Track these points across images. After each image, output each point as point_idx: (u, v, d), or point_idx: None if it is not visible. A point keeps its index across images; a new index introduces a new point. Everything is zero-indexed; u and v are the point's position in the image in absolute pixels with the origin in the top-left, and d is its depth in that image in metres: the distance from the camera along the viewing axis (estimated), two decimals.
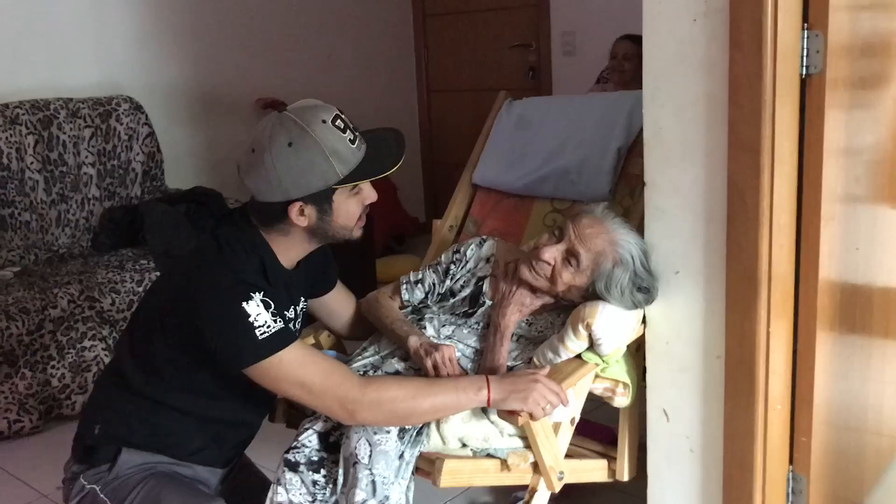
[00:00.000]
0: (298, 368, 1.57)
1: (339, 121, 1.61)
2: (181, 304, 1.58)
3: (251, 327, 1.53)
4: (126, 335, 1.76)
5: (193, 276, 1.61)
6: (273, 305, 1.58)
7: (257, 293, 1.56)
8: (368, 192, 1.69)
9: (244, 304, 1.53)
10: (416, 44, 5.49)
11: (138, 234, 3.58)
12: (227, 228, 1.67)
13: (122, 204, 3.81)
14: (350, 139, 1.61)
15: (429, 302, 2.06)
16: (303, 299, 1.82)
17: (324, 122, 1.59)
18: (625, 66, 3.96)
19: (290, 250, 1.70)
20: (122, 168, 3.83)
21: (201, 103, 4.44)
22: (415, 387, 1.62)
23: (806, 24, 1.52)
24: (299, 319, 1.80)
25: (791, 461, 1.72)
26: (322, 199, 1.62)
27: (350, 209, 1.67)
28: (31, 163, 3.53)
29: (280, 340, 1.55)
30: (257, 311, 1.54)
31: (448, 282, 2.05)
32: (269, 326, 1.54)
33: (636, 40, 3.95)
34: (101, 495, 1.62)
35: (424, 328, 1.91)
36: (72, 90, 3.82)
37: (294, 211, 1.61)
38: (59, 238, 3.62)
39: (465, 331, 1.91)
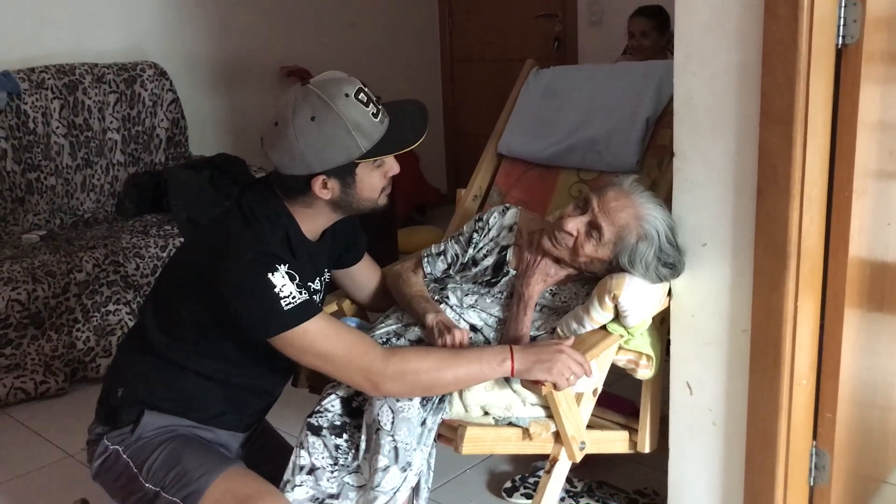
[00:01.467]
0: (322, 340, 1.57)
1: (361, 94, 1.60)
2: (207, 273, 1.59)
3: (277, 298, 1.53)
4: (150, 300, 1.77)
5: (220, 246, 1.61)
6: (298, 277, 1.59)
7: (282, 265, 1.57)
8: (392, 165, 1.69)
9: (270, 275, 1.54)
10: (441, 13, 5.44)
11: (162, 199, 3.59)
12: (252, 199, 1.67)
13: (147, 170, 3.83)
14: (373, 113, 1.60)
15: (451, 272, 2.05)
16: (327, 270, 1.83)
17: (346, 95, 1.58)
18: (644, 42, 3.91)
19: (314, 221, 1.70)
20: (146, 134, 3.85)
21: (225, 70, 4.44)
22: (438, 358, 1.61)
23: None
24: (322, 292, 1.81)
25: (815, 437, 1.72)
26: (345, 173, 1.62)
27: (373, 182, 1.67)
28: (57, 127, 3.55)
29: (305, 312, 1.56)
30: (283, 281, 1.55)
31: (471, 250, 2.05)
32: (294, 297, 1.55)
33: (650, 14, 3.91)
34: (124, 456, 1.65)
35: (448, 298, 1.91)
36: (97, 55, 3.82)
37: (317, 184, 1.61)
38: (84, 203, 3.65)
39: (488, 300, 1.90)
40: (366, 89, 1.62)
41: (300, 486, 1.63)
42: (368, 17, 5.01)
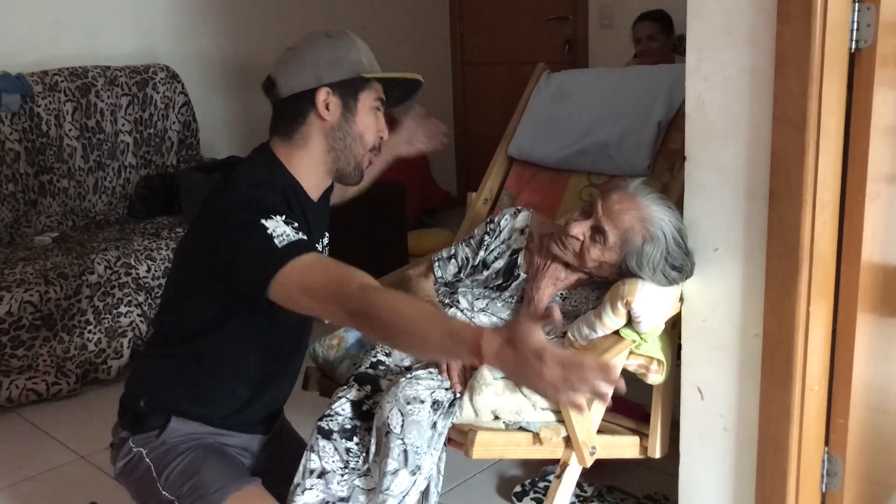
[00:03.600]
0: (307, 274, 1.45)
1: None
2: (207, 243, 1.56)
3: (270, 238, 1.47)
4: (162, 306, 1.78)
5: (216, 215, 1.58)
6: (295, 224, 1.54)
7: (278, 215, 1.52)
8: (383, 124, 1.74)
9: (263, 220, 1.49)
10: (452, 15, 5.45)
11: (174, 202, 3.61)
12: (244, 167, 1.68)
13: (158, 172, 3.85)
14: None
15: (462, 276, 2.05)
16: (327, 234, 1.83)
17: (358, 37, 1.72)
18: (652, 45, 3.91)
19: (312, 172, 1.69)
20: (158, 136, 3.86)
21: (237, 73, 4.45)
22: (404, 308, 1.36)
23: None
24: (325, 253, 1.79)
25: (827, 442, 1.71)
26: (349, 93, 1.67)
27: (369, 120, 1.70)
28: (70, 130, 3.57)
29: (299, 247, 1.48)
30: (275, 224, 1.50)
31: (482, 252, 2.04)
32: (287, 235, 1.49)
33: (653, 17, 3.91)
34: (147, 459, 1.65)
35: (458, 301, 1.91)
36: (109, 58, 3.84)
37: (321, 98, 1.64)
38: (96, 205, 3.66)
39: (498, 304, 1.90)
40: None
41: (310, 489, 1.63)
42: (379, 20, 5.02)
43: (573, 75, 2.46)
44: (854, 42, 1.50)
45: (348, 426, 1.69)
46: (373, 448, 1.63)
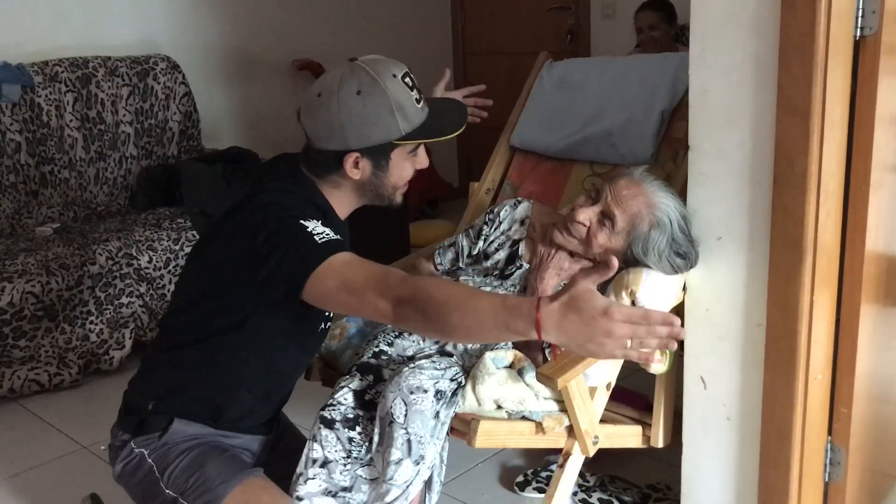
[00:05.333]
0: (345, 269, 1.44)
1: (408, 78, 1.61)
2: (236, 245, 1.55)
3: (310, 235, 1.48)
4: (173, 307, 1.76)
5: (250, 216, 1.57)
6: (332, 228, 1.56)
7: (314, 219, 1.53)
8: (422, 158, 1.69)
9: (301, 220, 1.51)
10: (453, 5, 5.43)
11: (175, 192, 3.60)
12: (279, 178, 1.65)
13: (160, 163, 3.84)
14: (416, 98, 1.61)
15: (460, 264, 2.05)
16: None
17: (394, 76, 1.59)
18: (654, 34, 3.90)
19: (339, 205, 1.69)
20: (159, 127, 3.85)
21: (238, 64, 4.44)
22: (455, 293, 1.34)
23: None
24: None
25: (830, 432, 1.70)
26: (379, 154, 1.61)
27: (404, 170, 1.67)
28: (70, 120, 3.56)
29: (335, 245, 1.48)
30: (314, 224, 1.51)
31: (481, 243, 2.04)
32: (327, 233, 1.49)
33: (655, 6, 3.89)
34: (149, 459, 1.64)
35: None
36: (110, 48, 3.83)
37: (349, 161, 1.60)
38: (97, 196, 3.66)
39: (500, 293, 1.90)
40: (411, 74, 1.62)
41: (313, 479, 1.64)
42: (381, 10, 5.01)
43: (576, 64, 2.45)
44: (859, 29, 1.49)
45: (351, 416, 1.69)
46: (376, 438, 1.63)
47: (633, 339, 1.18)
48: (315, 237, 1.47)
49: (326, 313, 1.74)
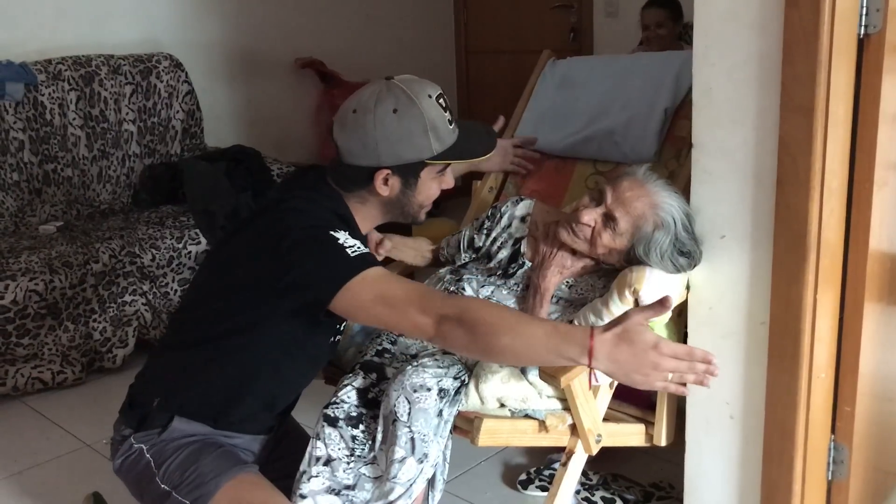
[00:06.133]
0: (382, 283, 1.49)
1: (441, 99, 1.63)
2: (260, 249, 1.56)
3: (342, 248, 1.51)
4: (184, 304, 1.77)
5: (276, 224, 1.58)
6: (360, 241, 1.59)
7: (343, 230, 1.57)
8: (449, 179, 1.72)
9: (332, 231, 1.54)
10: (456, 4, 5.43)
11: (178, 191, 3.61)
12: (306, 188, 1.67)
13: (162, 161, 3.85)
14: (448, 119, 1.63)
15: (462, 255, 2.07)
16: None
17: (429, 96, 1.61)
18: (659, 32, 3.89)
19: (363, 219, 1.70)
20: (161, 125, 3.86)
21: (240, 62, 4.44)
22: (504, 316, 1.41)
23: None
24: None
25: (833, 430, 1.70)
26: (410, 173, 1.63)
27: (431, 189, 1.69)
28: (74, 119, 3.57)
29: (368, 259, 1.53)
30: (344, 236, 1.54)
31: (484, 238, 2.05)
32: (358, 246, 1.53)
33: (662, 4, 3.89)
34: (147, 455, 1.65)
35: (464, 289, 1.91)
36: (113, 47, 3.83)
37: (379, 178, 1.62)
38: (100, 194, 3.66)
39: (504, 291, 1.90)
40: (445, 96, 1.65)
41: (316, 476, 1.64)
42: (383, 9, 5.00)
43: (579, 62, 2.45)
44: (863, 28, 1.49)
45: (354, 414, 1.69)
46: (379, 436, 1.63)
47: (674, 373, 1.33)
48: (347, 249, 1.51)
49: (338, 326, 1.75)
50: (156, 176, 3.72)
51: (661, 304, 1.35)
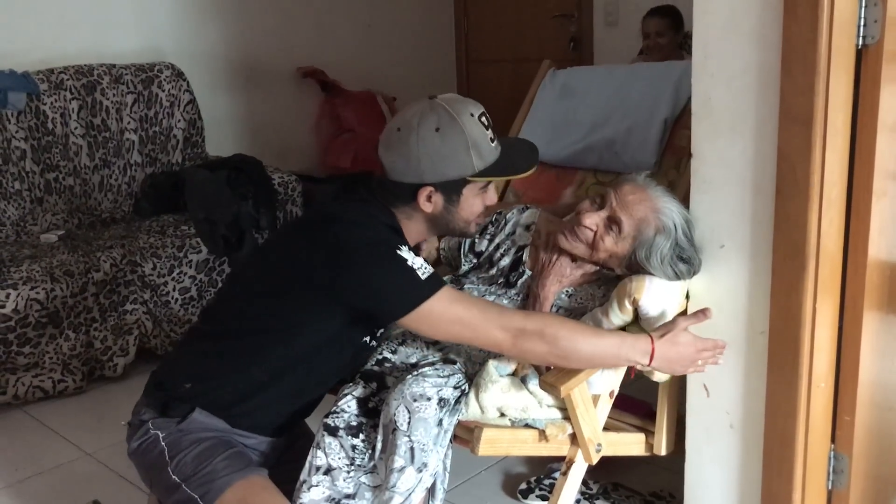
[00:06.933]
0: (457, 304, 1.59)
1: (483, 118, 1.67)
2: (324, 262, 1.58)
3: (412, 269, 1.56)
4: (227, 294, 1.79)
5: (339, 238, 1.60)
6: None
7: (403, 245, 1.61)
8: (491, 195, 1.75)
9: (397, 250, 1.58)
10: (457, 13, 5.44)
11: (179, 199, 3.61)
12: (363, 204, 1.69)
13: (164, 170, 3.85)
14: (490, 137, 1.67)
15: (463, 261, 2.07)
16: None
17: (471, 115, 1.65)
18: (660, 41, 3.90)
19: (409, 234, 1.73)
20: (163, 134, 3.87)
21: (242, 71, 4.45)
22: (580, 329, 1.63)
23: None
24: None
25: (833, 440, 1.70)
26: (452, 189, 1.67)
27: (475, 205, 1.72)
28: (75, 128, 3.57)
29: (437, 280, 1.59)
30: (410, 255, 1.59)
31: (486, 241, 2.05)
32: (425, 267, 1.59)
33: (663, 13, 3.90)
34: (162, 442, 1.67)
35: None
36: (115, 56, 3.85)
37: (423, 195, 1.65)
38: (101, 203, 3.67)
39: (504, 301, 1.90)
40: (486, 114, 1.68)
41: (316, 486, 1.64)
42: (384, 18, 5.02)
43: (579, 72, 2.46)
44: (861, 38, 1.50)
45: (354, 423, 1.69)
46: (379, 445, 1.63)
47: (702, 363, 1.68)
48: (417, 271, 1.57)
49: (367, 340, 1.78)
50: (157, 185, 3.72)
51: (703, 313, 1.64)
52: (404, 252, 1.58)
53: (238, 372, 1.70)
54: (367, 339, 1.79)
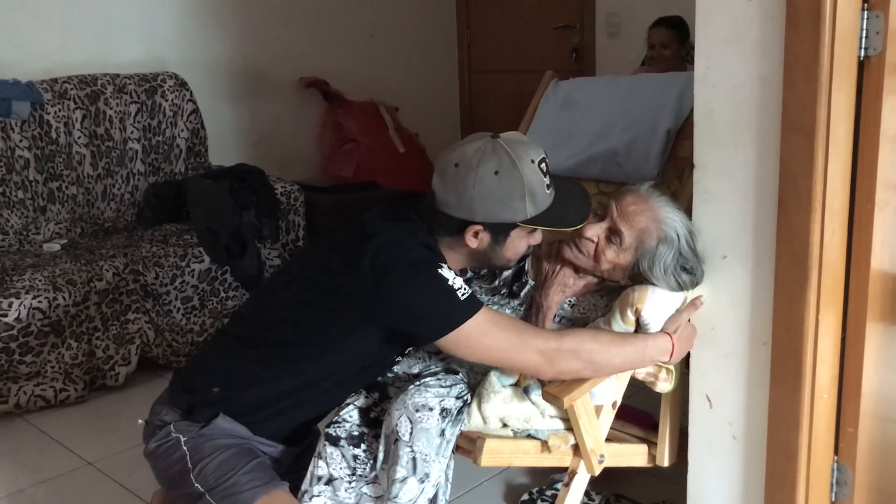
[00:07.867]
0: (494, 327, 1.60)
1: (543, 164, 1.66)
2: (363, 279, 1.58)
3: (452, 289, 1.57)
4: (261, 303, 1.80)
5: (379, 257, 1.60)
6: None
7: (444, 263, 1.62)
8: (538, 236, 1.75)
9: (438, 269, 1.58)
10: (459, 23, 5.46)
11: (182, 209, 3.62)
12: (407, 223, 1.69)
13: (167, 179, 3.86)
14: (546, 184, 1.66)
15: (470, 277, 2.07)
16: None
17: (532, 161, 1.63)
18: (664, 53, 3.91)
19: (452, 262, 1.72)
20: (166, 144, 3.87)
21: (245, 81, 4.47)
22: (609, 340, 1.68)
23: (866, 4, 1.48)
24: None
25: (836, 451, 1.70)
26: (500, 231, 1.67)
27: (520, 246, 1.72)
28: (79, 137, 3.58)
29: (476, 301, 1.60)
30: (451, 274, 1.59)
31: None
32: (465, 288, 1.59)
33: (670, 24, 3.91)
34: (184, 447, 1.67)
35: None
36: (118, 66, 3.86)
37: (470, 232, 1.65)
38: (104, 212, 3.67)
39: (507, 311, 1.90)
40: (547, 160, 1.67)
41: (318, 496, 1.64)
42: (387, 29, 5.04)
43: (581, 83, 2.46)
44: (863, 50, 1.50)
45: (356, 433, 1.69)
46: (381, 455, 1.63)
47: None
48: (457, 292, 1.57)
49: (395, 357, 1.79)
50: (160, 194, 3.73)
51: (693, 304, 1.73)
52: (445, 271, 1.58)
53: (271, 380, 1.70)
54: (398, 356, 1.79)
